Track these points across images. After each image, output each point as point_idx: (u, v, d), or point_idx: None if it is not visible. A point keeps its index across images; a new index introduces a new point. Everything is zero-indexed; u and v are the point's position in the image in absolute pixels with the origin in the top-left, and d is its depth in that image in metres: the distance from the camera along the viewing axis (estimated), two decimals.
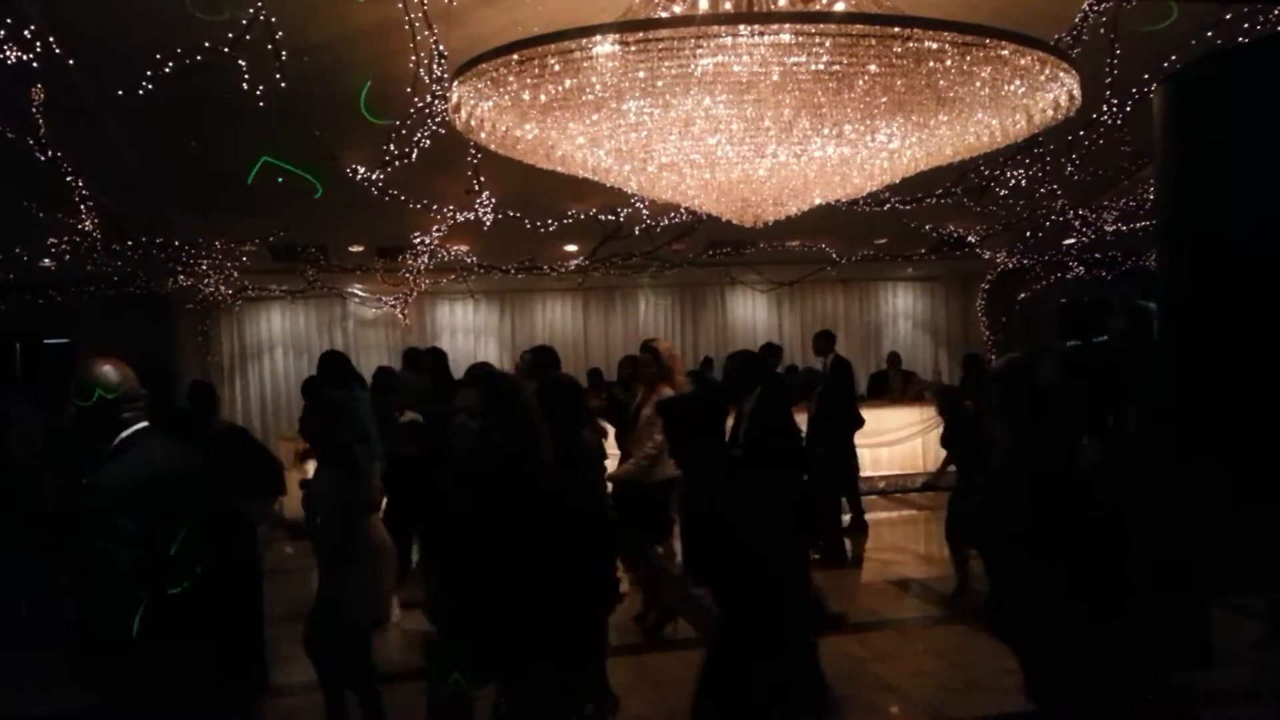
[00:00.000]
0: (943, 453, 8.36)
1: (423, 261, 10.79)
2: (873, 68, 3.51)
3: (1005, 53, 3.64)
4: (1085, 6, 4.75)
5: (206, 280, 11.09)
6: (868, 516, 9.46)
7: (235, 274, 11.28)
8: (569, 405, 4.68)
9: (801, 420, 7.88)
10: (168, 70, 4.69)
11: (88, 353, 3.07)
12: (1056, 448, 3.58)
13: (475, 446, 2.92)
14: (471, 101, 4.13)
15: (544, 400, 3.29)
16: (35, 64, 4.58)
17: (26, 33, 4.41)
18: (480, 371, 4.27)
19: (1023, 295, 13.35)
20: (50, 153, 5.65)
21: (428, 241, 9.97)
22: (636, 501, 5.87)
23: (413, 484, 4.69)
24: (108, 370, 2.91)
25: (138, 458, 2.85)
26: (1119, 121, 5.99)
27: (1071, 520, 3.38)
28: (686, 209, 6.92)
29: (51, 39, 4.48)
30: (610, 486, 5.99)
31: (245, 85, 4.82)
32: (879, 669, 5.43)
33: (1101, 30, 4.89)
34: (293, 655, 4.54)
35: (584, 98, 3.78)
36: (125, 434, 2.86)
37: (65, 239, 8.60)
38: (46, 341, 12.43)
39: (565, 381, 5.25)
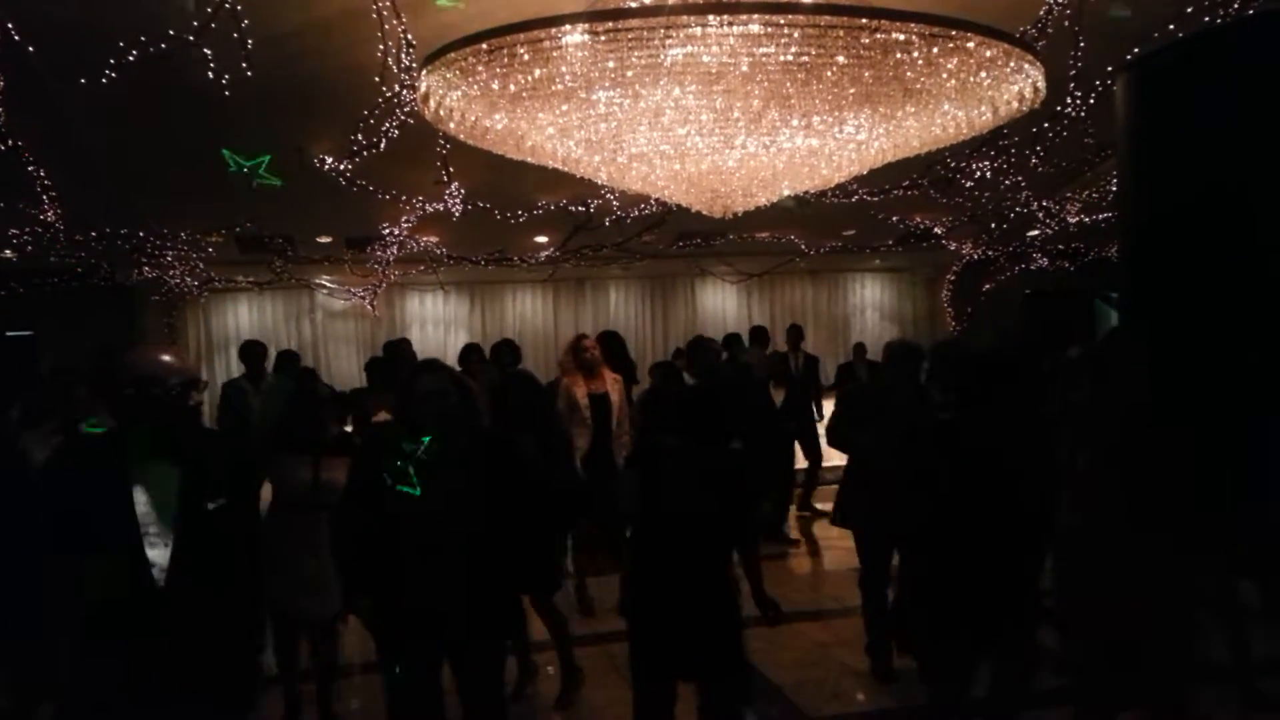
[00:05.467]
0: None
1: (392, 252, 10.73)
2: (841, 59, 3.54)
3: (971, 45, 3.69)
4: (1050, 0, 4.81)
5: (172, 272, 10.95)
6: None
7: (201, 265, 11.15)
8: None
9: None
10: (131, 58, 4.63)
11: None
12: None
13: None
14: (440, 91, 4.12)
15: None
16: None
17: None
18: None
19: (988, 286, 13.49)
20: (10, 142, 5.56)
21: (397, 232, 9.92)
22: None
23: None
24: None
25: None
26: (1083, 114, 6.08)
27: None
28: (656, 200, 6.94)
29: (10, 25, 4.41)
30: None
31: (210, 74, 4.78)
32: (843, 654, 5.48)
33: (1066, 24, 4.96)
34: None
35: (553, 88, 3.79)
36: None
37: (26, 230, 8.47)
38: (9, 334, 12.23)
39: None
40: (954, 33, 3.59)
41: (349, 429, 5.37)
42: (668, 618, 3.44)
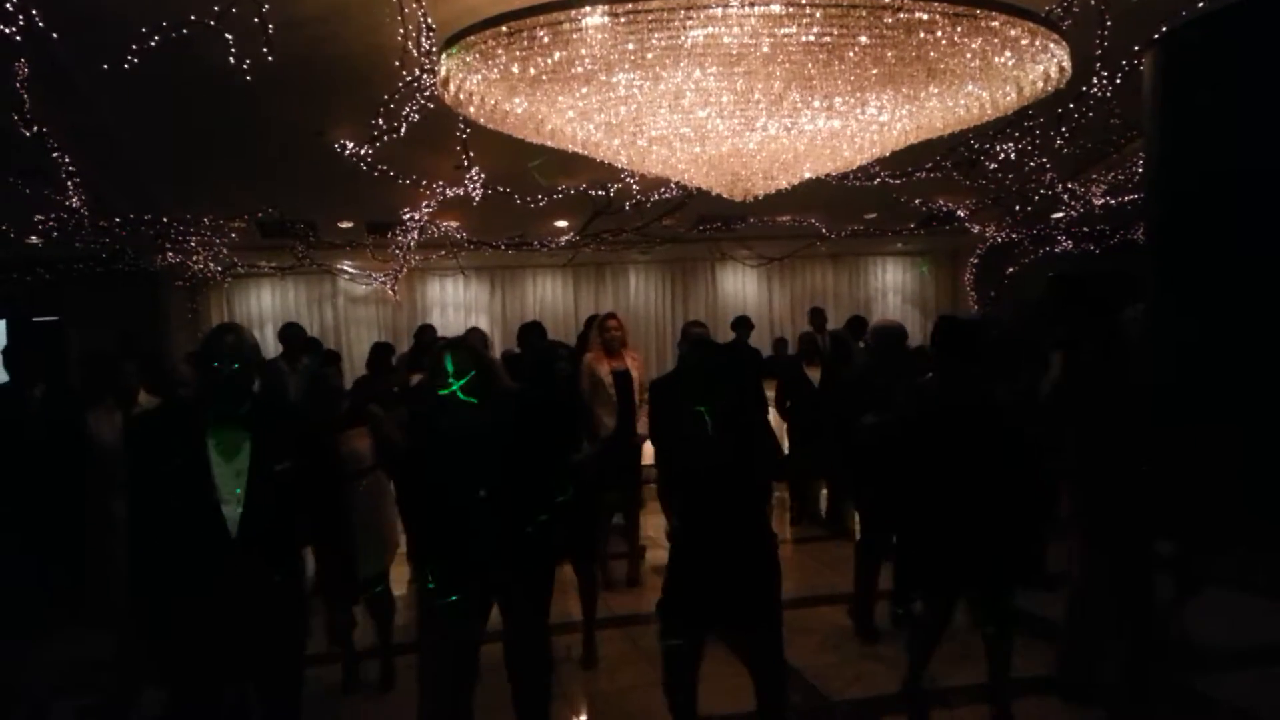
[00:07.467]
0: None
1: (412, 237, 10.75)
2: (863, 39, 3.51)
3: (995, 24, 3.65)
4: None
5: (195, 257, 11.03)
6: None
7: (224, 250, 11.22)
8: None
9: None
10: (153, 44, 4.65)
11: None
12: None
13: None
14: (460, 75, 4.12)
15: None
16: (18, 38, 4.54)
17: (9, 5, 4.37)
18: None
19: (1011, 269, 13.38)
20: (35, 128, 5.60)
21: (417, 217, 9.93)
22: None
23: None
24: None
25: None
26: (1108, 94, 5.99)
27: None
28: (677, 183, 6.91)
29: (35, 12, 4.43)
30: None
31: (231, 59, 4.79)
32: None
33: (1092, 2, 4.88)
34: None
35: (573, 70, 3.78)
36: None
37: (52, 216, 8.54)
38: (36, 319, 12.35)
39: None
40: (978, 12, 3.55)
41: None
42: (708, 568, 3.59)
